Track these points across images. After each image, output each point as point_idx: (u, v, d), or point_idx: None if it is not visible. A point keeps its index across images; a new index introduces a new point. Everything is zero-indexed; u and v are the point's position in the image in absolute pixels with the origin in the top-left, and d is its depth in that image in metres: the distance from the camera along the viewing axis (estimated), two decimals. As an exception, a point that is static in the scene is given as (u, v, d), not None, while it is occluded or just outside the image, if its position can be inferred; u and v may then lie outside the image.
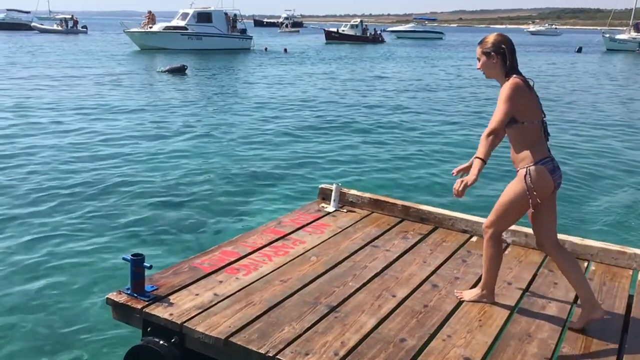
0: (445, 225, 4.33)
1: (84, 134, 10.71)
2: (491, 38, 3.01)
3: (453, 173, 3.35)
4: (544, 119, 2.99)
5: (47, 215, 6.32)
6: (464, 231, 4.24)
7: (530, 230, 4.03)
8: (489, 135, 2.88)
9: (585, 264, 3.80)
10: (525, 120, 2.90)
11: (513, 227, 4.08)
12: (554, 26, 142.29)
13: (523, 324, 3.01)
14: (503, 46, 2.96)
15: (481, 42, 3.05)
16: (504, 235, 4.08)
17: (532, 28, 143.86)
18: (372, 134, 11.54)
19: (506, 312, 3.12)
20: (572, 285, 3.06)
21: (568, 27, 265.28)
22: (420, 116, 14.07)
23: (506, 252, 3.94)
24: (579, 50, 54.72)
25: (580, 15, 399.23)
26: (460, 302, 3.19)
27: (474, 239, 4.12)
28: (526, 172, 2.91)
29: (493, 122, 2.87)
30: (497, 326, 2.96)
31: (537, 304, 3.24)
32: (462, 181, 2.90)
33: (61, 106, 13.85)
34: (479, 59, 3.05)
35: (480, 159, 2.88)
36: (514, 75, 2.93)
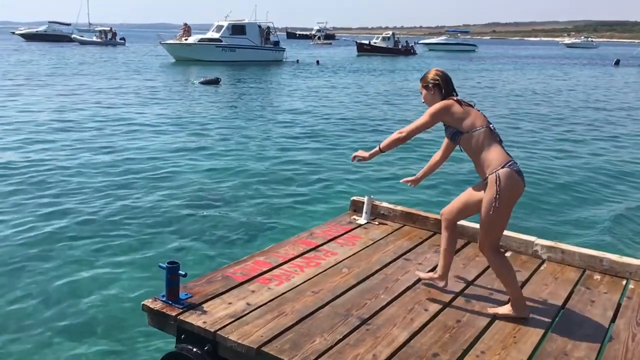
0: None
1: (120, 143, 10.96)
2: (429, 74, 3.35)
3: (401, 181, 3.85)
4: (490, 126, 3.17)
5: (87, 221, 6.50)
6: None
7: (567, 247, 3.99)
8: (399, 132, 3.29)
9: (624, 282, 3.70)
10: (469, 130, 3.13)
11: (549, 243, 4.02)
12: (590, 39, 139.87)
13: (559, 342, 2.95)
14: (438, 78, 3.29)
15: (422, 79, 3.39)
16: (539, 251, 4.02)
17: (567, 40, 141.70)
18: (405, 147, 11.50)
19: (541, 330, 3.06)
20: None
21: (604, 39, 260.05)
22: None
23: (542, 268, 3.87)
24: (617, 63, 53.59)
25: (617, 28, 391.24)
26: (493, 318, 3.15)
27: (508, 254, 4.06)
28: (496, 177, 3.02)
29: (408, 126, 3.27)
30: (532, 343, 2.91)
31: (573, 322, 3.17)
32: (360, 154, 3.41)
33: (100, 115, 14.22)
34: (421, 93, 3.39)
35: (379, 147, 3.35)
36: (448, 98, 3.24)
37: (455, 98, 3.24)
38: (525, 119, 16.14)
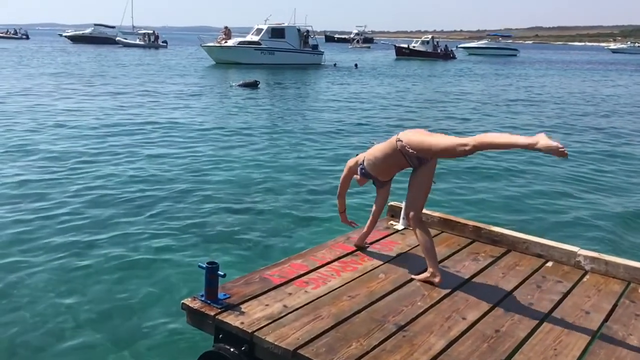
0: (519, 248, 4.20)
1: (158, 143, 11.20)
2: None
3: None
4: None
5: (131, 222, 6.67)
6: (539, 256, 4.10)
7: (611, 258, 3.88)
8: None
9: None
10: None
11: (592, 254, 3.92)
12: (637, 44, 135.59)
13: (602, 356, 2.87)
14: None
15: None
16: (582, 261, 3.92)
17: (613, 46, 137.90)
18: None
19: (584, 342, 2.98)
20: (424, 254, 3.55)
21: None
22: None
23: (584, 279, 3.78)
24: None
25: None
26: (534, 329, 3.08)
27: (550, 264, 3.98)
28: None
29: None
30: (573, 356, 2.84)
31: (617, 336, 3.08)
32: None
33: (140, 117, 14.57)
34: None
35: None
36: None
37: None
38: (570, 120, 15.78)
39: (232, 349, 2.91)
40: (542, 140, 2.94)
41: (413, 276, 3.62)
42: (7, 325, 4.32)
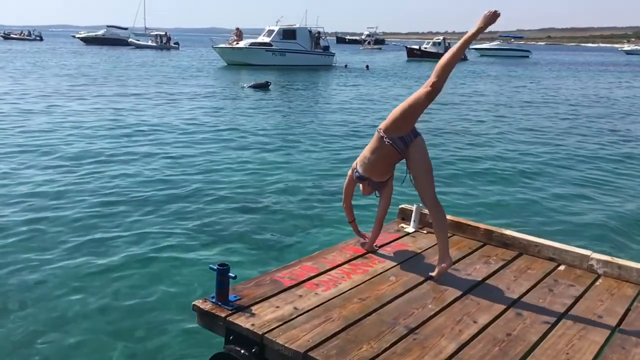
0: (531, 251, 4.18)
1: (171, 144, 11.26)
2: None
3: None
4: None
5: (144, 221, 6.72)
6: (551, 259, 4.07)
7: (624, 262, 3.86)
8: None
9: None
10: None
11: (605, 258, 3.89)
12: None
13: (615, 361, 2.85)
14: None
15: None
16: (595, 265, 3.89)
17: (627, 47, 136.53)
18: (456, 154, 11.36)
19: (596, 347, 2.95)
20: (438, 240, 3.67)
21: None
22: (509, 137, 13.71)
23: (597, 283, 3.75)
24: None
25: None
26: (546, 333, 3.06)
27: (562, 267, 3.95)
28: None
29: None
30: (585, 361, 2.82)
31: (630, 341, 3.05)
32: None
33: (153, 117, 14.66)
34: None
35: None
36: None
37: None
38: (586, 122, 15.67)
39: (242, 351, 2.92)
40: (479, 21, 3.45)
41: (431, 274, 3.64)
42: (22, 320, 4.39)
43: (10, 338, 4.15)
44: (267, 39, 40.81)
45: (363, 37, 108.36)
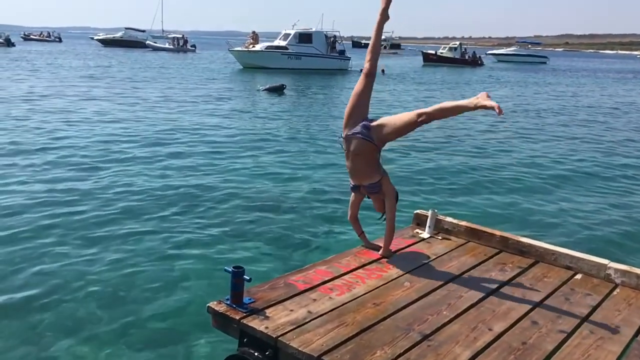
0: (547, 260, 4.13)
1: (186, 148, 11.33)
2: None
3: None
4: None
5: (160, 222, 6.79)
6: (568, 267, 4.02)
7: (643, 272, 3.79)
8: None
9: None
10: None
11: (623, 267, 3.84)
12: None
13: (632, 372, 2.81)
14: None
15: None
16: (612, 274, 3.84)
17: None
18: (473, 159, 11.31)
19: (613, 357, 2.91)
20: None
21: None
22: (523, 143, 13.61)
23: (614, 292, 3.70)
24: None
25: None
26: (562, 342, 3.03)
27: (579, 276, 3.90)
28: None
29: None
30: (602, 372, 2.79)
31: (648, 352, 3.01)
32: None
33: (168, 120, 14.78)
34: None
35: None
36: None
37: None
38: (601, 135, 15.49)
39: (256, 353, 2.92)
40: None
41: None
42: (39, 313, 4.45)
43: (25, 337, 4.20)
44: (283, 43, 40.97)
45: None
